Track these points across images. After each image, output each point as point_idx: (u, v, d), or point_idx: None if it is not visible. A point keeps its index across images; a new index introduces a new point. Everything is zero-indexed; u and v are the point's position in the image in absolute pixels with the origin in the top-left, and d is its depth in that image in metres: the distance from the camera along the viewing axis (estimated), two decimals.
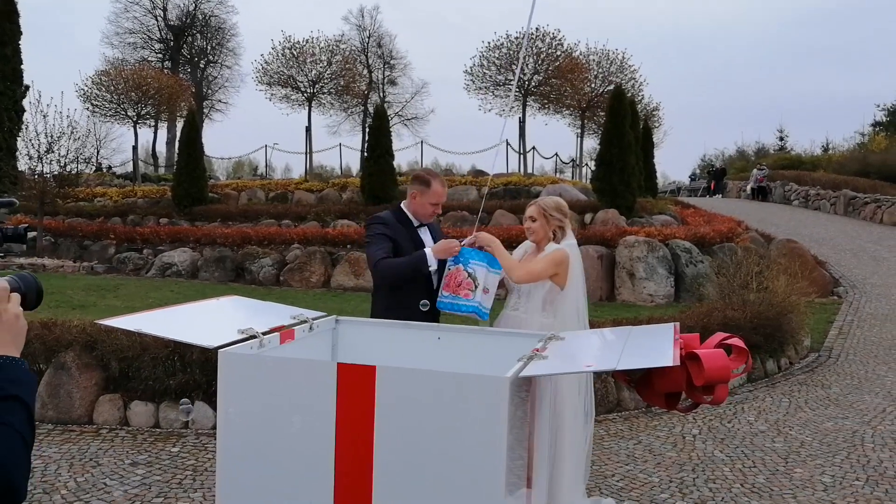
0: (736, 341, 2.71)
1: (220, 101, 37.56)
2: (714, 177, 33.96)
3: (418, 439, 2.40)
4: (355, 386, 2.47)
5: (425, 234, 3.88)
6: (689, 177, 42.46)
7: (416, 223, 3.84)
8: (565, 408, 3.24)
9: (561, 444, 3.21)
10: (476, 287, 3.51)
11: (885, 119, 36.76)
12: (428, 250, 3.65)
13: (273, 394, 2.56)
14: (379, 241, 3.74)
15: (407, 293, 3.73)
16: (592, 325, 3.95)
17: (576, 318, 3.48)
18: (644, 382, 2.68)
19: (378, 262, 3.69)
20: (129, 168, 25.34)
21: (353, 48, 32.39)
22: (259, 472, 2.56)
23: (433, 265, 3.63)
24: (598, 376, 5.39)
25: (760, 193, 27.33)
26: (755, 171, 28.73)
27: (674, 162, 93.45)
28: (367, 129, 17.25)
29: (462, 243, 3.65)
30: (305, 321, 3.20)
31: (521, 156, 23.46)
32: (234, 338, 2.77)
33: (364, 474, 2.44)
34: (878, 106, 37.16)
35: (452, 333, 3.36)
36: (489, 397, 2.35)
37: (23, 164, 16.84)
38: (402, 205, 3.90)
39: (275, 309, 3.43)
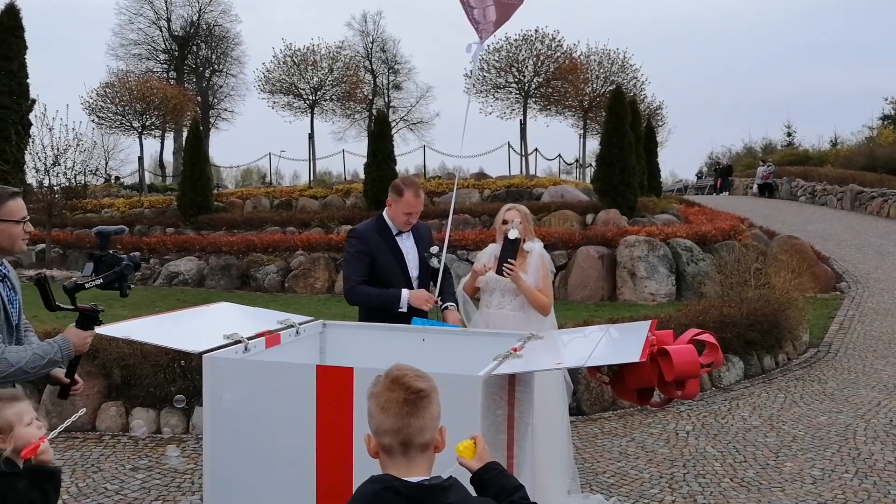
0: (707, 337, 2.78)
1: (226, 109, 37.80)
2: (720, 174, 33.83)
3: None
4: (334, 387, 2.55)
5: (406, 241, 3.98)
6: (696, 175, 42.27)
7: (395, 230, 3.95)
8: (542, 406, 3.33)
9: (541, 443, 3.29)
10: None
11: (893, 112, 36.46)
12: (405, 293, 3.79)
13: (256, 397, 2.65)
14: (355, 260, 3.88)
15: None
16: (589, 325, 4.07)
17: (550, 311, 3.80)
18: (617, 379, 2.75)
19: (353, 286, 3.85)
20: (137, 179, 25.59)
21: (357, 54, 32.50)
22: (244, 471, 2.65)
23: (404, 308, 3.78)
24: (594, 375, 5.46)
25: (767, 190, 27.21)
26: (760, 167, 28.66)
27: (681, 160, 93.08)
28: (369, 135, 17.36)
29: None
30: (292, 326, 3.29)
31: (523, 158, 23.51)
32: (220, 343, 2.86)
33: (345, 472, 2.53)
34: (886, 99, 36.82)
35: (437, 335, 3.45)
36: (463, 396, 2.42)
37: (30, 178, 17.06)
38: (384, 212, 4.01)
39: (263, 314, 3.53)
